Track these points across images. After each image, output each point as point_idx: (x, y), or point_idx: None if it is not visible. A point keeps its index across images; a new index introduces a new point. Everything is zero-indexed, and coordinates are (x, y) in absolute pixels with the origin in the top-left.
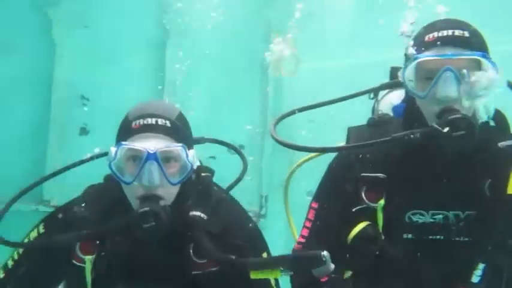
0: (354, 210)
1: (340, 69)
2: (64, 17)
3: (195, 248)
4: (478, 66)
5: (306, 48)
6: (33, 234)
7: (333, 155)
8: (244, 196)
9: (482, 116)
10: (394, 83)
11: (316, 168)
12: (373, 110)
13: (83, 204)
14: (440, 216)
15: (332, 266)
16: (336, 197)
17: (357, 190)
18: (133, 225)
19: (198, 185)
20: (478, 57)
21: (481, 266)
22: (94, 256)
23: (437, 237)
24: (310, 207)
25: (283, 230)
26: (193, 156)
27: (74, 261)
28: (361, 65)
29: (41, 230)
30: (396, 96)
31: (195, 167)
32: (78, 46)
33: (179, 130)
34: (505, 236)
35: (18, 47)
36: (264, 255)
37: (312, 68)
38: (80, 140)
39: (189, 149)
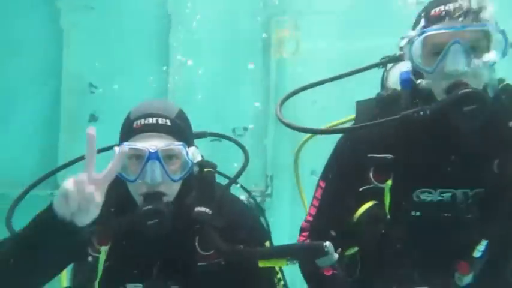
0: (360, 189)
1: (344, 50)
2: (70, 5)
3: (200, 240)
4: (487, 38)
5: (309, 28)
6: None
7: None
8: (250, 176)
9: (492, 91)
10: (401, 57)
11: (320, 148)
12: (382, 81)
13: None
14: (449, 194)
15: (335, 256)
16: (342, 176)
17: (364, 170)
18: (137, 223)
19: (200, 180)
20: (487, 29)
21: (484, 242)
22: (108, 247)
23: (445, 215)
24: (318, 185)
25: (288, 209)
26: (193, 153)
27: (89, 251)
28: (365, 47)
29: None
30: (406, 67)
31: (195, 162)
32: (84, 34)
33: (179, 128)
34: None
35: (27, 39)
36: (267, 244)
37: (314, 49)
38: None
39: (189, 146)
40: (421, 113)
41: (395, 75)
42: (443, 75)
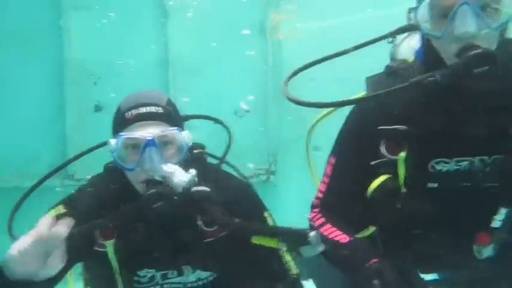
0: (372, 163)
1: (341, 27)
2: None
3: (202, 217)
4: None
5: (305, 8)
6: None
7: (348, 108)
8: (254, 154)
9: (505, 53)
10: (410, 26)
11: (322, 124)
12: (391, 56)
13: (90, 192)
14: (466, 162)
15: (321, 248)
16: (354, 151)
17: (375, 143)
18: (143, 207)
19: (193, 162)
20: None
21: (503, 211)
22: (113, 240)
23: (463, 184)
24: (328, 162)
25: (292, 186)
26: (187, 137)
27: (95, 248)
28: (365, 20)
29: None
30: (416, 40)
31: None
32: (84, 24)
33: (171, 114)
34: None
35: (30, 33)
36: (266, 214)
37: (311, 28)
38: (95, 116)
39: (182, 131)
40: (431, 78)
41: (405, 48)
42: (452, 39)
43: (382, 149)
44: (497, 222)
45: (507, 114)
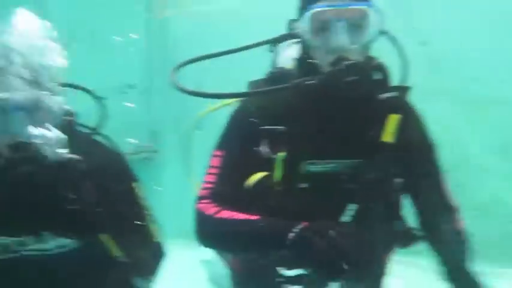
0: (254, 161)
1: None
2: None
3: (68, 185)
4: (367, 16)
5: None
6: None
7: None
8: (136, 131)
9: (371, 64)
10: (291, 35)
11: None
12: (273, 64)
13: None
14: (333, 165)
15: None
16: (239, 147)
17: (257, 142)
18: (9, 171)
19: (62, 128)
20: (367, 8)
21: (353, 206)
22: None
23: (330, 184)
24: (214, 155)
25: (175, 164)
26: (59, 102)
27: None
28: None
29: None
30: (295, 50)
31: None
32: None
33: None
34: (382, 180)
35: None
36: (134, 185)
37: (198, 9)
38: None
39: (54, 95)
40: (310, 82)
41: (285, 57)
42: (329, 50)
43: (263, 148)
44: (347, 217)
45: (371, 121)
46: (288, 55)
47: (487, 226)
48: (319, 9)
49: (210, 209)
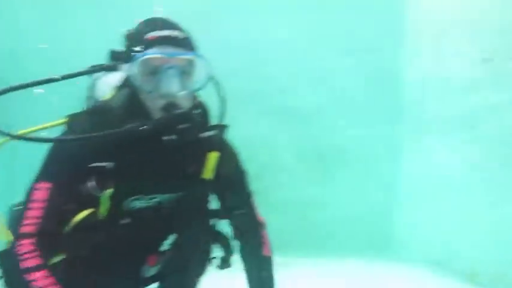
0: (81, 196)
1: None
2: None
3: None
4: (194, 64)
5: None
6: None
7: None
8: None
9: (196, 108)
10: (114, 66)
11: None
12: (90, 90)
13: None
14: (156, 199)
15: None
16: (64, 180)
17: (84, 179)
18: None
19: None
20: (195, 57)
21: (172, 236)
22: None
23: (151, 218)
24: (36, 188)
25: None
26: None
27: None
28: None
29: None
30: (115, 78)
31: None
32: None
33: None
34: (201, 213)
35: None
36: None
37: None
38: None
39: None
40: (145, 127)
41: (105, 84)
42: (159, 95)
43: (90, 184)
44: (165, 246)
45: (193, 159)
46: (108, 82)
47: (283, 221)
48: (151, 56)
49: (32, 260)
